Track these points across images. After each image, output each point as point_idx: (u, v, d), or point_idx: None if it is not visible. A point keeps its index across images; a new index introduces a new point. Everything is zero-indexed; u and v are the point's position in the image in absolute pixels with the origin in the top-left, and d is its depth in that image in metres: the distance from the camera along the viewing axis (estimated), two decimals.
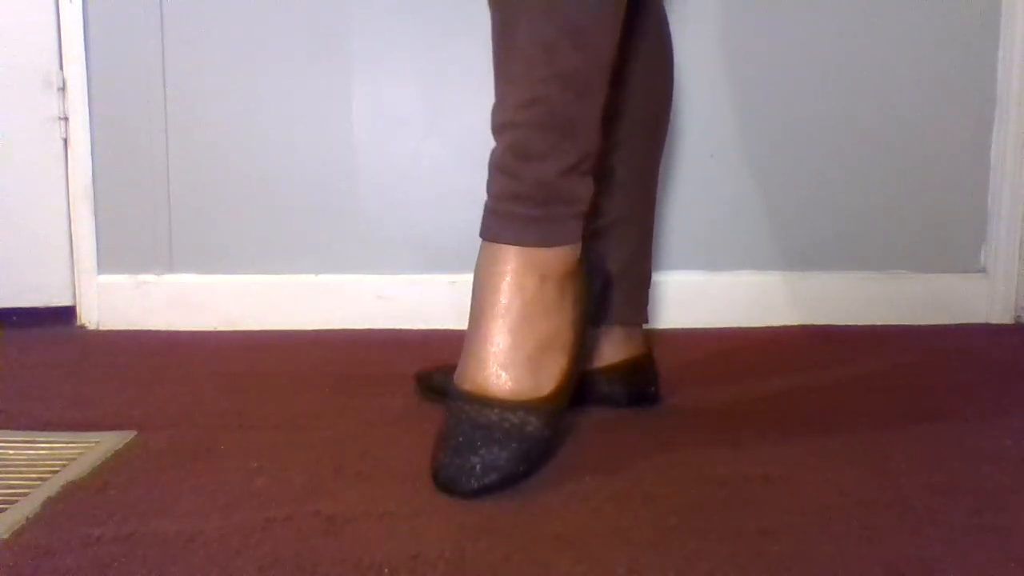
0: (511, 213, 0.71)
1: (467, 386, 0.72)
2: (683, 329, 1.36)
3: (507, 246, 0.71)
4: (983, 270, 1.42)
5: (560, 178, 0.71)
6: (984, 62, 1.39)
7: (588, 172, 0.74)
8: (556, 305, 0.72)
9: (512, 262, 0.71)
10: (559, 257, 0.72)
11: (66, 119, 1.35)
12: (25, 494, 0.69)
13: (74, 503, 0.68)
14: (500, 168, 0.72)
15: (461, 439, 0.70)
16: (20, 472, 0.74)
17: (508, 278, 0.71)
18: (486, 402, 0.71)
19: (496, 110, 0.73)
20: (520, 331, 0.71)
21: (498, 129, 0.72)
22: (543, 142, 0.70)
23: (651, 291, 1.39)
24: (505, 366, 0.71)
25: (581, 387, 0.92)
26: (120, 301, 1.37)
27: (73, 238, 1.37)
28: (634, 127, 0.92)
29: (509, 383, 0.71)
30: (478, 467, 0.69)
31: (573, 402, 0.77)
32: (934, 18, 1.38)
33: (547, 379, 0.72)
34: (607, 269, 0.88)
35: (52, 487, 0.70)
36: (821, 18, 1.37)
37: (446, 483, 0.69)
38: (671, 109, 0.97)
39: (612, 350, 0.93)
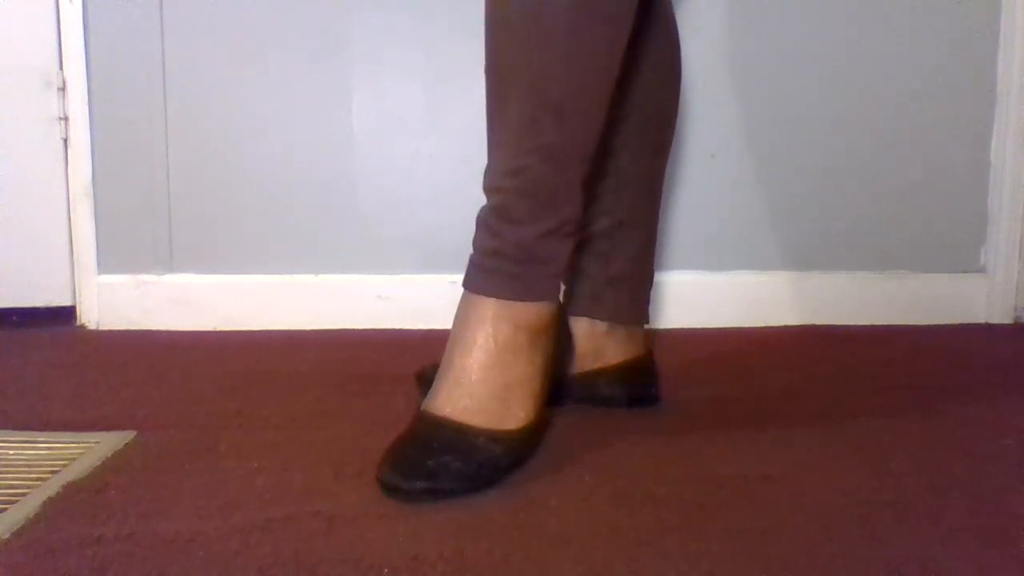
0: (492, 268, 0.76)
1: (435, 411, 0.74)
2: (683, 329, 1.36)
3: (486, 297, 0.76)
4: (983, 270, 1.42)
5: (538, 241, 0.76)
6: (984, 62, 1.39)
7: (569, 235, 0.78)
8: (527, 353, 0.76)
9: (489, 311, 0.76)
10: (533, 311, 0.77)
11: (66, 119, 1.35)
12: (25, 494, 0.69)
13: (74, 503, 0.68)
14: (485, 226, 0.77)
15: (418, 445, 0.72)
16: (20, 472, 0.74)
17: (485, 324, 0.76)
18: (452, 423, 0.73)
19: (487, 172, 0.78)
20: (491, 369, 0.75)
21: (487, 190, 0.77)
22: (524, 208, 0.75)
23: (652, 291, 1.39)
24: (474, 397, 0.74)
25: (583, 388, 0.93)
26: (120, 301, 1.37)
27: (73, 238, 1.37)
28: (641, 129, 0.92)
29: (478, 413, 0.74)
30: (429, 469, 0.70)
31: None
32: (934, 18, 1.38)
33: (513, 418, 0.75)
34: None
35: (52, 487, 0.70)
36: (821, 19, 1.37)
37: (390, 479, 0.69)
38: (678, 111, 0.97)
39: (614, 350, 0.93)
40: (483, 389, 0.74)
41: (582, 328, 0.93)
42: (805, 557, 0.59)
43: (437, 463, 0.70)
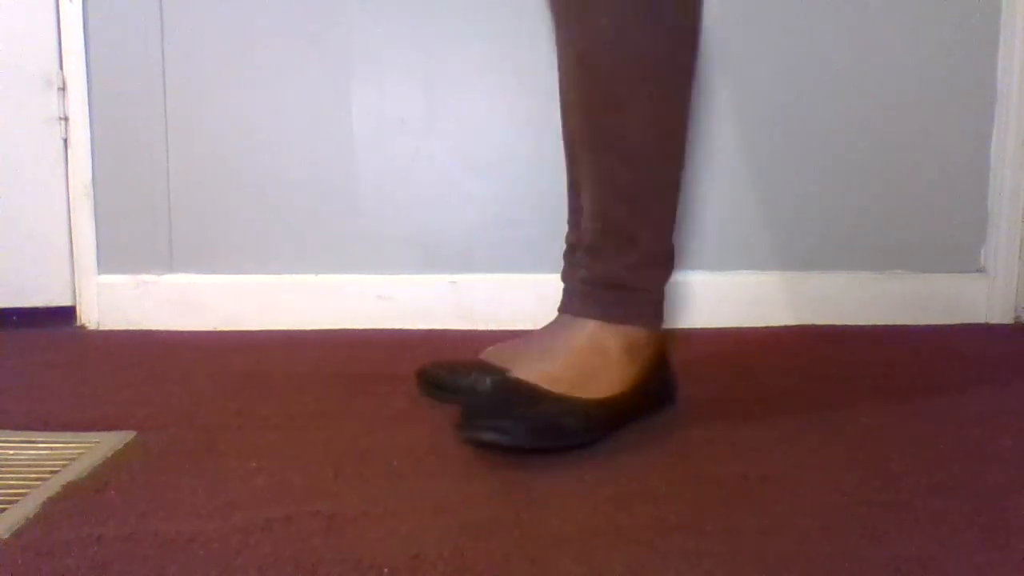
0: (586, 294, 0.85)
1: (517, 375, 0.80)
2: (683, 329, 1.36)
3: (583, 318, 0.84)
4: (983, 270, 1.42)
5: (626, 272, 0.83)
6: (984, 62, 1.39)
7: (659, 265, 0.85)
8: (617, 364, 0.83)
9: (585, 328, 0.84)
10: (625, 332, 0.84)
11: (66, 119, 1.35)
12: (25, 494, 0.69)
13: (74, 503, 0.68)
14: (581, 260, 0.86)
15: (494, 400, 0.78)
16: (20, 472, 0.74)
17: (578, 335, 0.84)
18: (531, 385, 0.79)
19: (585, 212, 0.85)
20: (580, 358, 0.82)
21: (582, 228, 0.85)
22: (608, 246, 0.83)
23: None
24: (556, 368, 0.81)
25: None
26: (120, 301, 1.37)
27: (73, 238, 1.37)
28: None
29: (558, 381, 0.79)
30: (501, 422, 0.75)
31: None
32: (934, 18, 1.38)
33: (594, 390, 0.81)
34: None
35: (52, 487, 0.70)
36: (821, 19, 1.37)
37: (464, 427, 0.76)
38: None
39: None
40: (568, 368, 0.80)
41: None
42: (805, 557, 0.59)
43: (510, 416, 0.75)
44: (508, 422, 0.75)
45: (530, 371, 0.80)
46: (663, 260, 0.86)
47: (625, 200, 0.82)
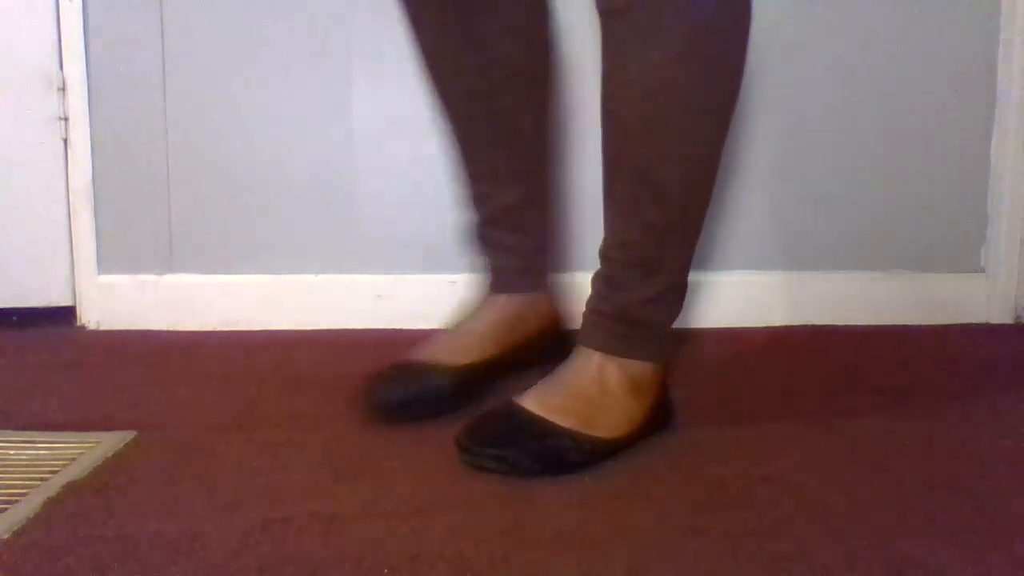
0: (599, 325, 0.84)
1: (524, 405, 0.79)
2: (683, 329, 1.36)
3: (594, 350, 0.83)
4: (983, 270, 1.42)
5: (641, 307, 0.82)
6: (984, 62, 1.39)
7: (672, 303, 0.85)
8: (626, 400, 0.82)
9: (596, 360, 0.83)
10: (634, 368, 0.83)
11: (66, 119, 1.35)
12: (25, 494, 0.69)
13: (74, 503, 0.68)
14: (596, 289, 0.85)
15: (497, 420, 0.78)
16: (20, 472, 0.74)
17: (590, 369, 0.83)
18: (538, 417, 0.78)
19: (603, 241, 0.85)
20: (589, 393, 0.81)
21: (600, 256, 0.84)
22: (627, 277, 0.82)
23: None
24: (566, 402, 0.80)
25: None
26: (120, 301, 1.37)
27: (73, 238, 1.37)
28: (526, 88, 0.98)
29: (567, 416, 0.78)
30: (502, 441, 0.76)
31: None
32: (934, 18, 1.38)
33: (602, 428, 0.79)
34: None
35: (52, 487, 0.70)
36: (821, 18, 1.37)
37: (464, 440, 0.77)
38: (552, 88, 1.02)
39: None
40: (578, 401, 0.80)
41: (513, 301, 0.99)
42: (805, 557, 0.59)
43: (512, 437, 0.76)
44: (513, 450, 0.75)
45: (540, 402, 0.79)
46: (680, 295, 0.86)
47: (652, 234, 0.81)
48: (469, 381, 0.92)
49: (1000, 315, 1.42)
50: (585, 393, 0.81)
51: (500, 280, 1.00)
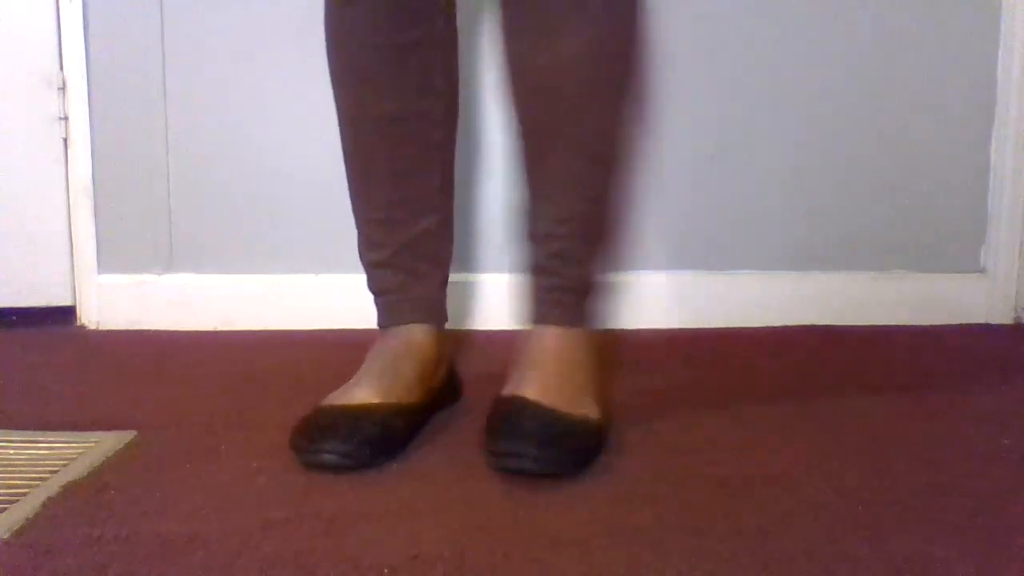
0: (556, 301, 0.84)
1: (530, 396, 0.78)
2: (683, 329, 1.36)
3: (554, 327, 0.83)
4: (983, 270, 1.42)
5: (595, 275, 0.84)
6: (984, 62, 1.39)
7: (615, 263, 0.87)
8: (589, 367, 0.84)
9: (556, 338, 0.83)
10: (593, 335, 0.85)
11: (66, 119, 1.35)
12: (25, 494, 0.69)
13: (74, 503, 0.68)
14: (543, 269, 0.84)
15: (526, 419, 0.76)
16: (20, 472, 0.74)
17: (556, 349, 0.83)
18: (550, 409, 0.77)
19: (535, 222, 0.84)
20: (579, 379, 0.82)
21: (537, 236, 0.84)
22: (579, 249, 0.83)
23: (648, 290, 1.39)
24: (571, 401, 0.79)
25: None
26: (120, 301, 1.37)
27: (73, 238, 1.37)
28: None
29: (576, 407, 0.78)
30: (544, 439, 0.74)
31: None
32: (934, 18, 1.38)
33: (600, 406, 0.82)
34: None
35: (52, 487, 0.70)
36: (821, 18, 1.37)
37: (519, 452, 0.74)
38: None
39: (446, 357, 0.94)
40: (577, 389, 0.80)
41: (432, 337, 0.90)
42: (805, 557, 0.59)
43: (546, 436, 0.74)
44: (553, 450, 0.73)
45: (545, 394, 0.77)
46: (614, 252, 0.87)
47: (597, 204, 0.83)
48: (420, 419, 0.87)
49: (1000, 315, 1.42)
50: (579, 374, 0.82)
51: (414, 310, 0.91)
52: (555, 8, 0.79)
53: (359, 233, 0.92)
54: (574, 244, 0.83)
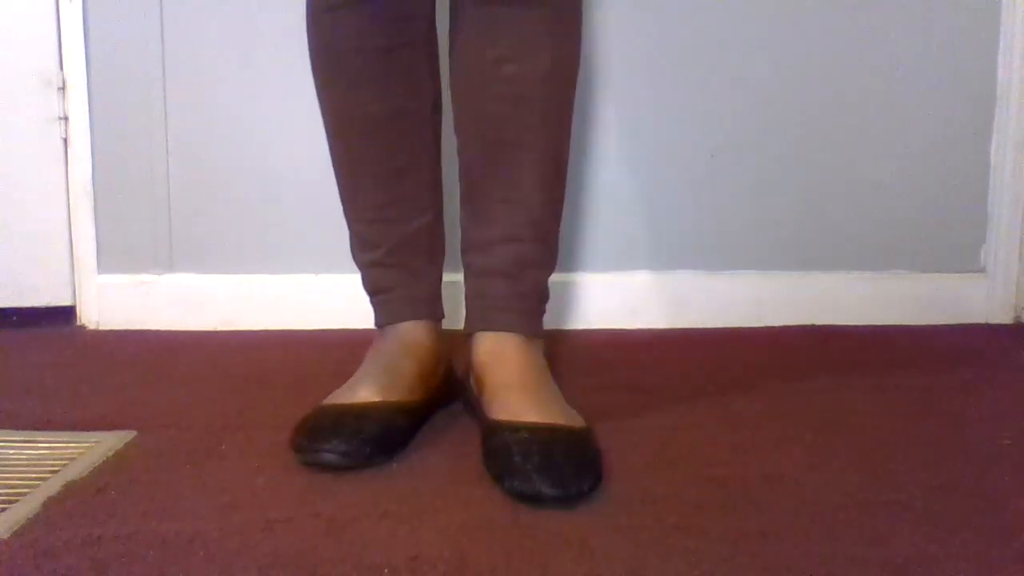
0: (514, 308, 0.84)
1: (534, 418, 0.76)
2: (683, 329, 1.36)
3: (514, 334, 0.84)
4: (983, 270, 1.42)
5: (546, 278, 0.87)
6: (984, 62, 1.39)
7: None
8: (549, 376, 0.85)
9: (523, 345, 0.84)
10: (546, 341, 0.88)
11: (66, 119, 1.35)
12: (25, 494, 0.69)
13: (74, 503, 0.68)
14: (502, 274, 0.85)
15: (557, 449, 0.73)
16: (20, 472, 0.74)
17: (526, 356, 0.84)
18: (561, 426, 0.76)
19: (493, 227, 0.85)
20: (547, 387, 0.82)
21: (495, 243, 0.85)
22: (538, 253, 0.86)
23: (648, 290, 1.39)
24: (544, 407, 0.79)
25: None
26: (120, 301, 1.37)
27: (73, 238, 1.37)
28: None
29: (562, 415, 0.78)
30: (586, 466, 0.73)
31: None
32: (934, 18, 1.38)
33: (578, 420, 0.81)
34: None
35: (52, 487, 0.70)
36: (821, 18, 1.37)
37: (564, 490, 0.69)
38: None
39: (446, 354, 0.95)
40: (556, 402, 0.80)
41: (431, 334, 0.91)
42: (805, 557, 0.59)
43: (583, 464, 0.71)
44: (592, 478, 0.70)
45: (542, 414, 0.76)
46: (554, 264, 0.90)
47: (554, 209, 0.86)
48: (422, 417, 0.86)
49: (1000, 315, 1.42)
50: (550, 387, 0.82)
51: (412, 308, 0.91)
52: (532, 21, 0.82)
53: (351, 234, 0.93)
54: (536, 247, 0.85)
